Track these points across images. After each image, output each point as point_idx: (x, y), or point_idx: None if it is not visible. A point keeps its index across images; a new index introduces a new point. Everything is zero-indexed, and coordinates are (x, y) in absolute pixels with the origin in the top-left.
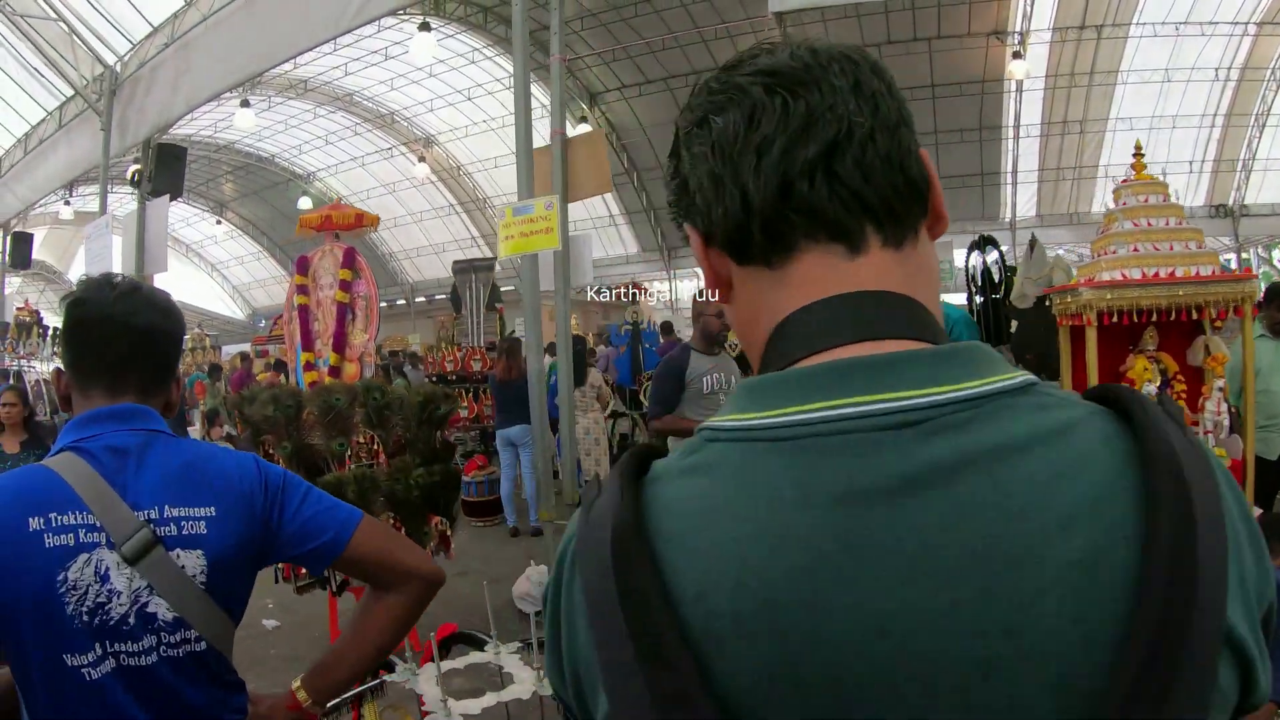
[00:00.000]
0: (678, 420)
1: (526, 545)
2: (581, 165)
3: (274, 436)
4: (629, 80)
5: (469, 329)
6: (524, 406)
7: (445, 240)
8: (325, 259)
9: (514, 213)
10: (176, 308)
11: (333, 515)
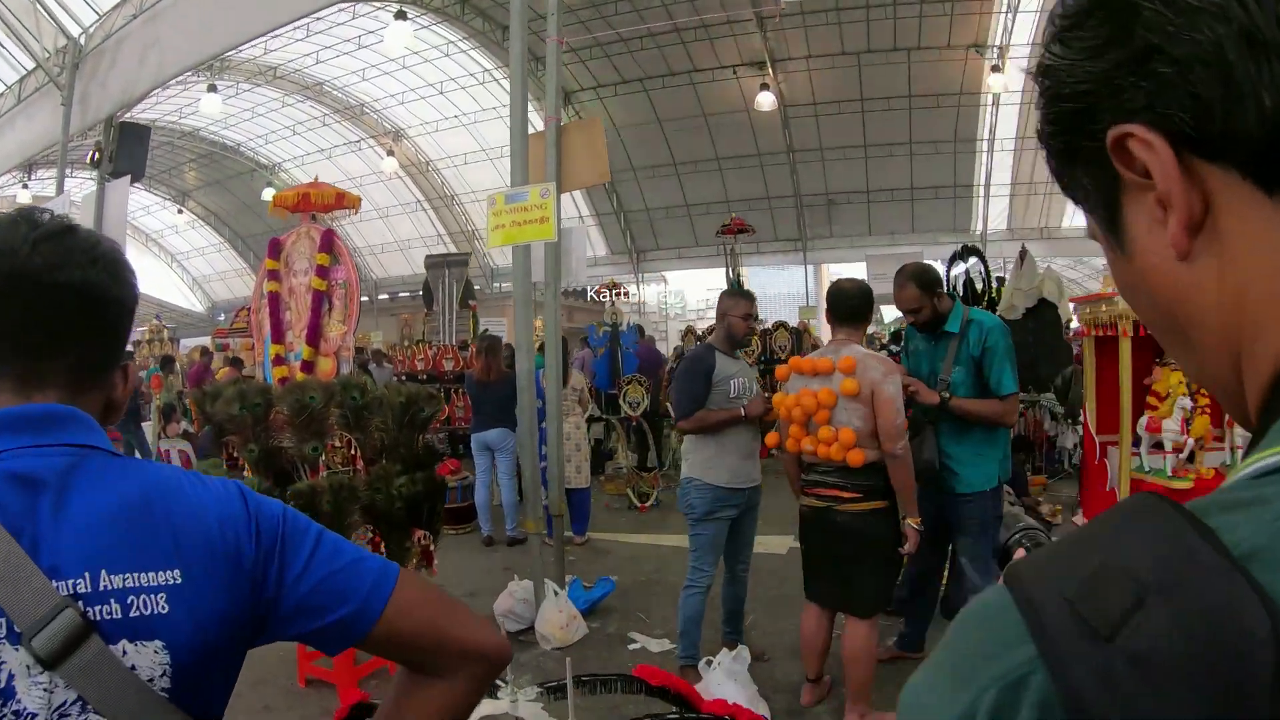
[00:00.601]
0: (713, 413)
1: (502, 555)
2: (578, 153)
3: (239, 437)
4: (605, 79)
5: (440, 326)
6: (502, 409)
7: (411, 237)
8: (300, 242)
9: (506, 200)
10: (127, 263)
11: (358, 574)
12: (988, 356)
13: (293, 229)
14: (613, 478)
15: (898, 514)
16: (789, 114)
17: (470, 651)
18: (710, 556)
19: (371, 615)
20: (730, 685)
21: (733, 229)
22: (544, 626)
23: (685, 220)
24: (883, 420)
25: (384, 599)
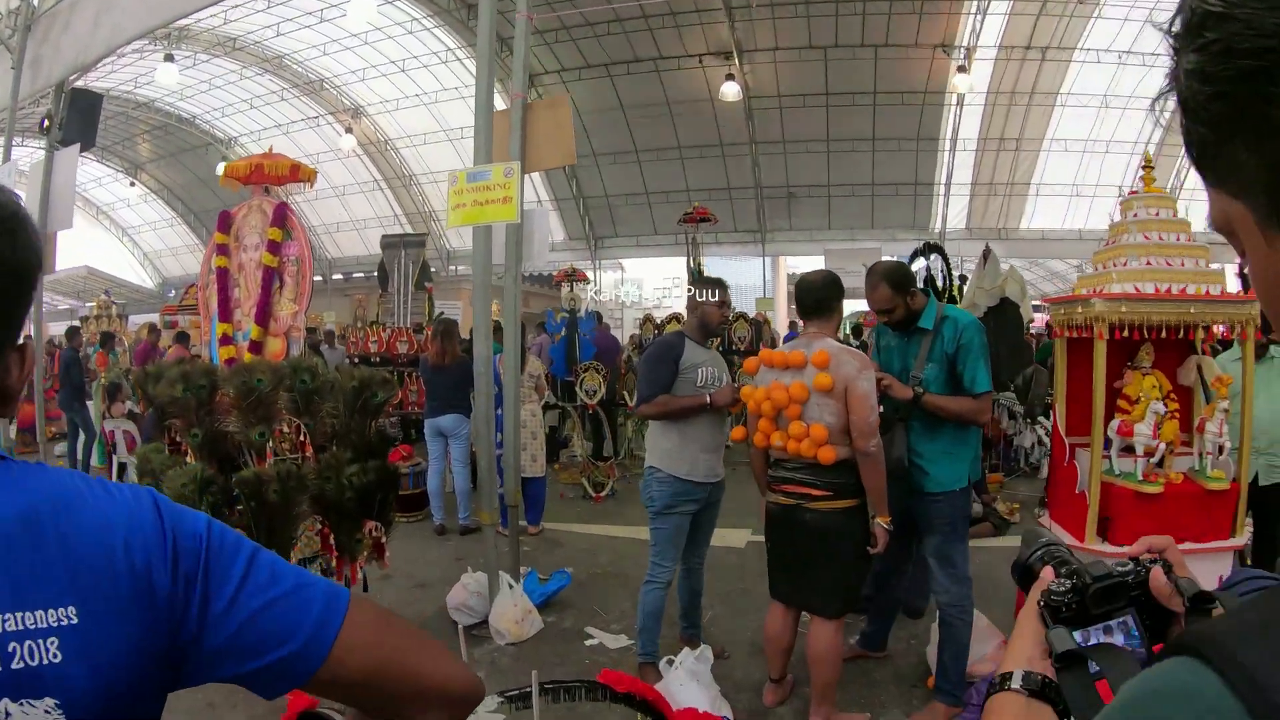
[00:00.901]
0: (676, 399)
1: (455, 545)
2: (543, 133)
3: (182, 421)
4: (570, 63)
5: (395, 308)
6: (457, 394)
7: (368, 217)
8: (252, 215)
9: (468, 178)
10: (28, 221)
11: (299, 604)
12: (962, 354)
13: (244, 202)
14: (567, 466)
15: (867, 513)
16: (753, 105)
17: (436, 695)
18: (671, 551)
19: (317, 654)
20: (692, 685)
21: (695, 217)
22: (498, 621)
23: (645, 208)
24: (856, 417)
25: (332, 634)
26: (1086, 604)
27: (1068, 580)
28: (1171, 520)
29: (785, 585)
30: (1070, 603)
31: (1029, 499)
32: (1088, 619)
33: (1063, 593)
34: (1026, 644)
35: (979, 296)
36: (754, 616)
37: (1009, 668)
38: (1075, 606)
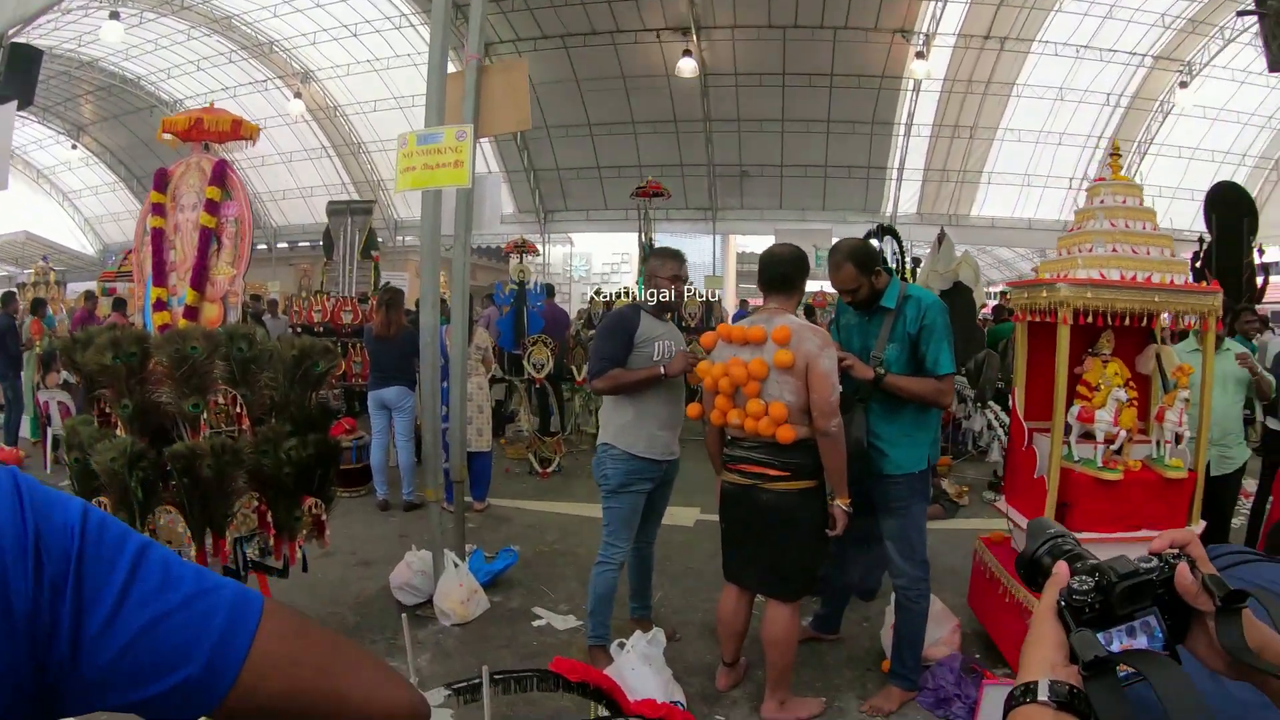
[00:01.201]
0: (628, 372)
1: (399, 521)
2: (498, 96)
3: (112, 391)
4: (525, 33)
5: (340, 277)
6: (402, 366)
7: (315, 184)
8: (190, 174)
9: (418, 141)
10: None
11: (199, 617)
12: (925, 334)
13: (183, 159)
14: (513, 441)
15: (826, 494)
16: (709, 82)
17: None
18: (625, 532)
19: (223, 678)
20: (645, 669)
21: (647, 191)
22: (443, 601)
23: (596, 182)
24: (817, 396)
25: (241, 653)
26: (1112, 604)
27: (1089, 578)
28: (1129, 507)
29: (740, 567)
30: (1094, 602)
31: (977, 481)
32: (1112, 619)
33: (1085, 591)
34: (1047, 649)
35: (932, 280)
36: (705, 596)
37: (1031, 676)
38: (1099, 607)
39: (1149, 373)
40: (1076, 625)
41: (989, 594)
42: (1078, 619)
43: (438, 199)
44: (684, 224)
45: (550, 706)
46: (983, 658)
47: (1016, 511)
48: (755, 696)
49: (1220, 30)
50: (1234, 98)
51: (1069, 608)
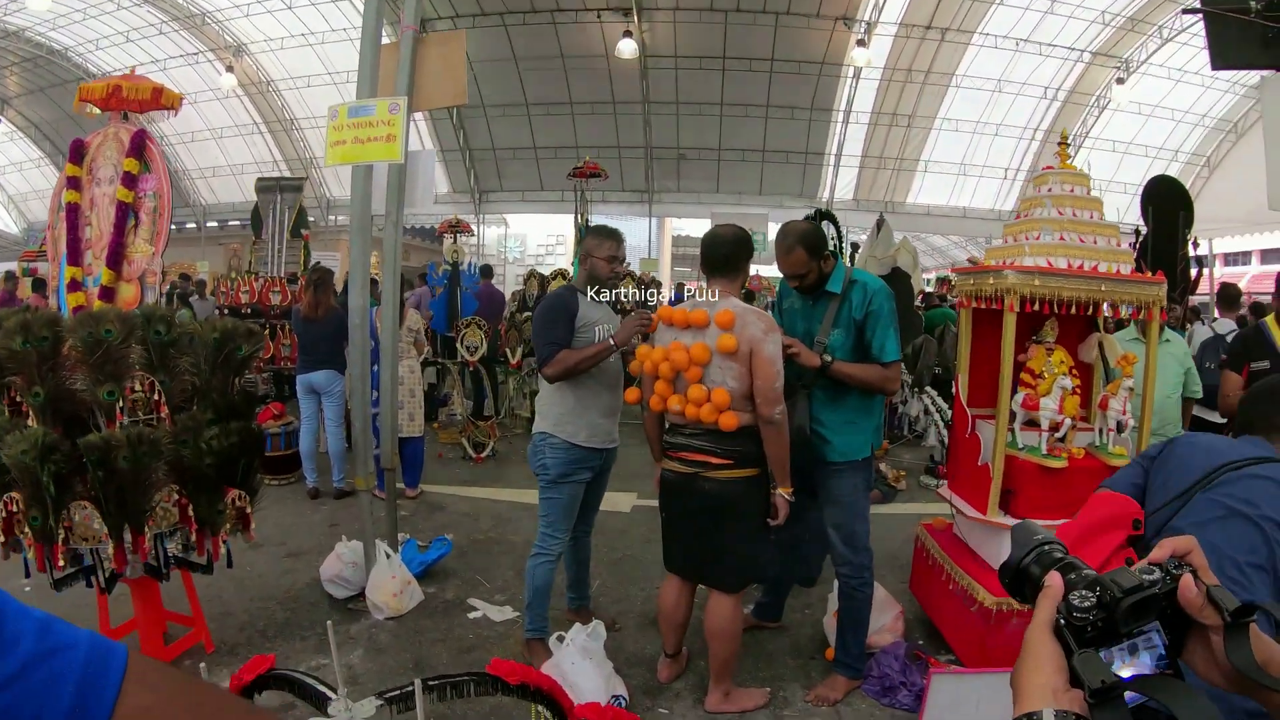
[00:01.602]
0: (576, 351)
1: (329, 510)
2: (434, 69)
3: (23, 379)
4: (464, 9)
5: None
6: (331, 348)
7: (245, 161)
8: (107, 145)
9: (349, 114)
10: None
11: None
12: (871, 320)
13: (100, 129)
14: (446, 426)
15: (768, 482)
16: (649, 64)
17: None
18: (564, 523)
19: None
20: (585, 664)
21: (585, 172)
22: (375, 594)
23: (532, 163)
24: (760, 382)
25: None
26: (1116, 621)
27: (1090, 593)
28: (1073, 495)
29: (681, 558)
30: (1096, 620)
31: (914, 466)
32: (1114, 637)
33: (1087, 609)
34: (1046, 673)
35: (870, 265)
36: (643, 585)
37: (1031, 706)
38: (1101, 624)
39: (1091, 361)
40: (1078, 645)
41: (931, 580)
42: (1079, 638)
43: (368, 174)
44: (620, 206)
45: (489, 703)
46: (926, 644)
47: (959, 498)
48: (698, 688)
49: (1159, 29)
50: (1169, 95)
51: (1069, 626)
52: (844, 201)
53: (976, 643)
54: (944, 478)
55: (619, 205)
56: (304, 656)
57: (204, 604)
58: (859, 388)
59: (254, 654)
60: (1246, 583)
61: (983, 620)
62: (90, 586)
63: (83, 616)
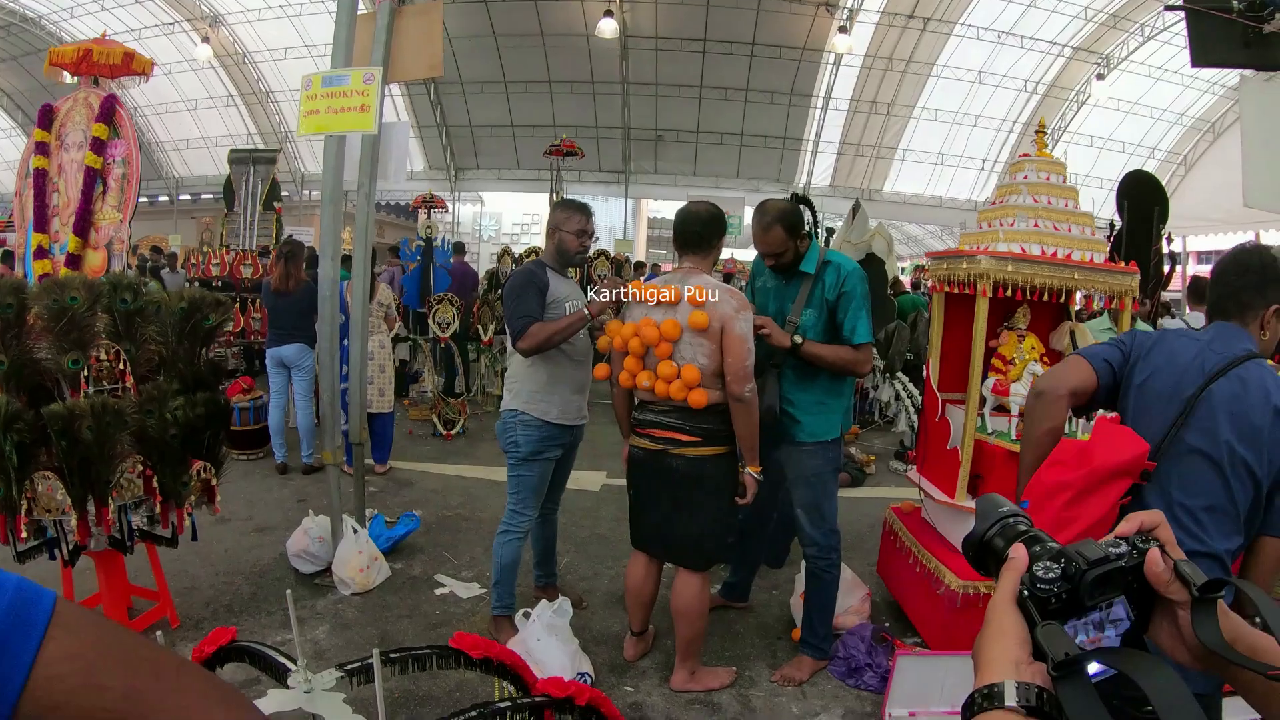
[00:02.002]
0: (550, 324)
1: (297, 485)
2: (411, 40)
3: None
4: None
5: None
6: (301, 322)
7: (220, 134)
8: (77, 110)
9: (323, 83)
10: None
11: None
12: (844, 301)
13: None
14: (417, 403)
15: (737, 461)
16: (629, 44)
17: None
18: (533, 500)
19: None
20: (551, 640)
21: (561, 150)
22: (342, 569)
23: (509, 141)
24: (731, 360)
25: (28, 656)
26: (1079, 593)
27: (1055, 565)
28: None
29: (648, 535)
30: (1060, 592)
31: (884, 450)
32: (1078, 610)
33: (1051, 580)
34: (1010, 644)
35: (845, 250)
36: (611, 564)
37: (993, 677)
38: (1065, 596)
39: (1063, 349)
40: (1042, 617)
41: (899, 563)
42: (1043, 610)
43: (341, 145)
44: (597, 186)
45: (453, 679)
46: (892, 627)
47: (928, 482)
48: (665, 666)
49: (1140, 27)
50: (1148, 93)
51: (1033, 598)
52: (821, 187)
53: (942, 625)
54: (913, 462)
55: (595, 185)
56: (269, 631)
57: (169, 579)
58: (829, 369)
59: None
60: (1199, 530)
61: (949, 603)
62: (54, 559)
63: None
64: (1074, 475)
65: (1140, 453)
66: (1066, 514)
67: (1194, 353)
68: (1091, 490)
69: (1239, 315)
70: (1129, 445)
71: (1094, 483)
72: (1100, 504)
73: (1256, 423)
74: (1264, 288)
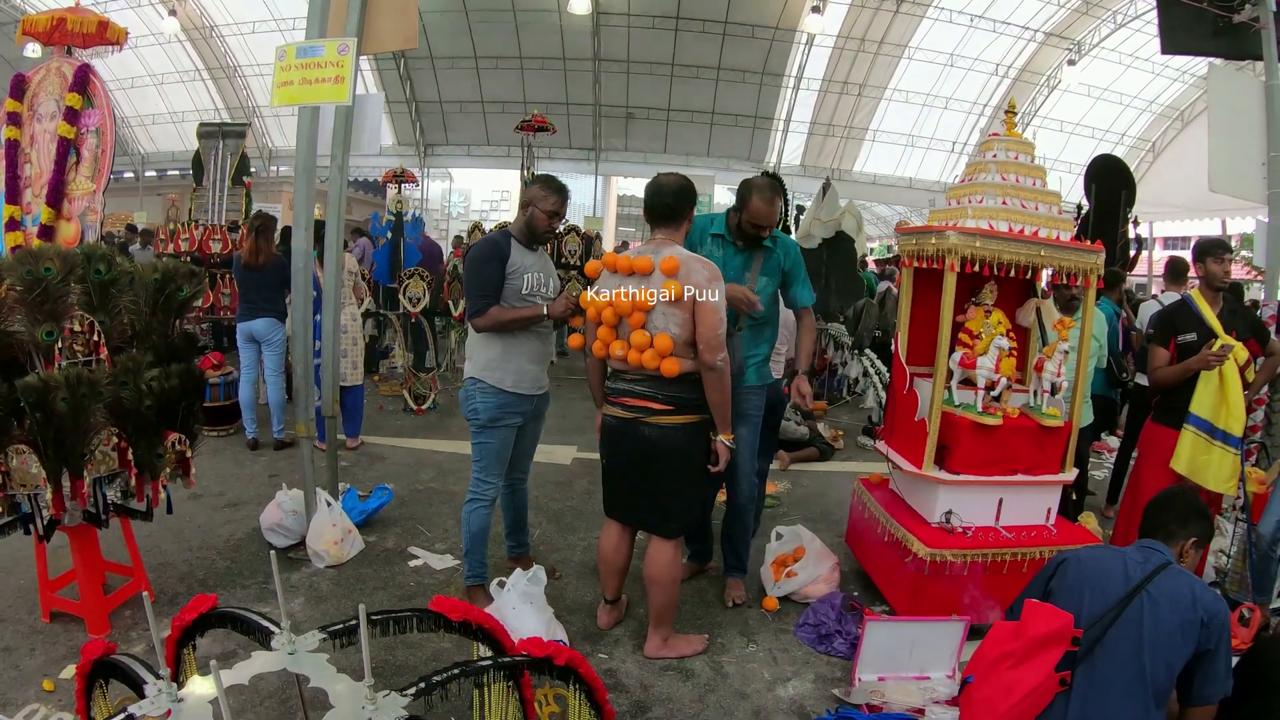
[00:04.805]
0: (510, 310)
1: (269, 461)
2: (385, 12)
3: None
4: None
5: (209, 204)
6: (272, 296)
7: (186, 109)
8: (50, 79)
9: (297, 54)
10: None
11: None
12: (796, 270)
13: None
14: (387, 378)
15: (709, 429)
16: (601, 21)
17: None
18: (496, 467)
19: None
20: (526, 608)
21: (532, 125)
22: (316, 542)
23: (479, 117)
24: (704, 329)
25: None
26: None
27: None
28: (1007, 452)
29: (621, 503)
30: None
31: (852, 426)
32: None
33: None
34: None
35: (815, 228)
36: (584, 534)
37: None
38: None
39: (1029, 325)
40: None
41: (867, 533)
42: None
43: (315, 116)
44: (567, 163)
45: (430, 649)
46: (861, 595)
47: (896, 453)
48: (637, 634)
49: (1113, 14)
50: (1119, 80)
51: None
52: (791, 167)
53: (909, 593)
54: (881, 438)
55: (566, 162)
56: (245, 604)
57: (143, 555)
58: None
59: None
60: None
61: (916, 571)
62: (28, 534)
63: (20, 566)
64: (1013, 645)
65: (1067, 624)
66: (1010, 678)
67: (1124, 563)
68: (1029, 655)
69: (1165, 538)
70: (1055, 617)
71: (1031, 648)
72: (1039, 669)
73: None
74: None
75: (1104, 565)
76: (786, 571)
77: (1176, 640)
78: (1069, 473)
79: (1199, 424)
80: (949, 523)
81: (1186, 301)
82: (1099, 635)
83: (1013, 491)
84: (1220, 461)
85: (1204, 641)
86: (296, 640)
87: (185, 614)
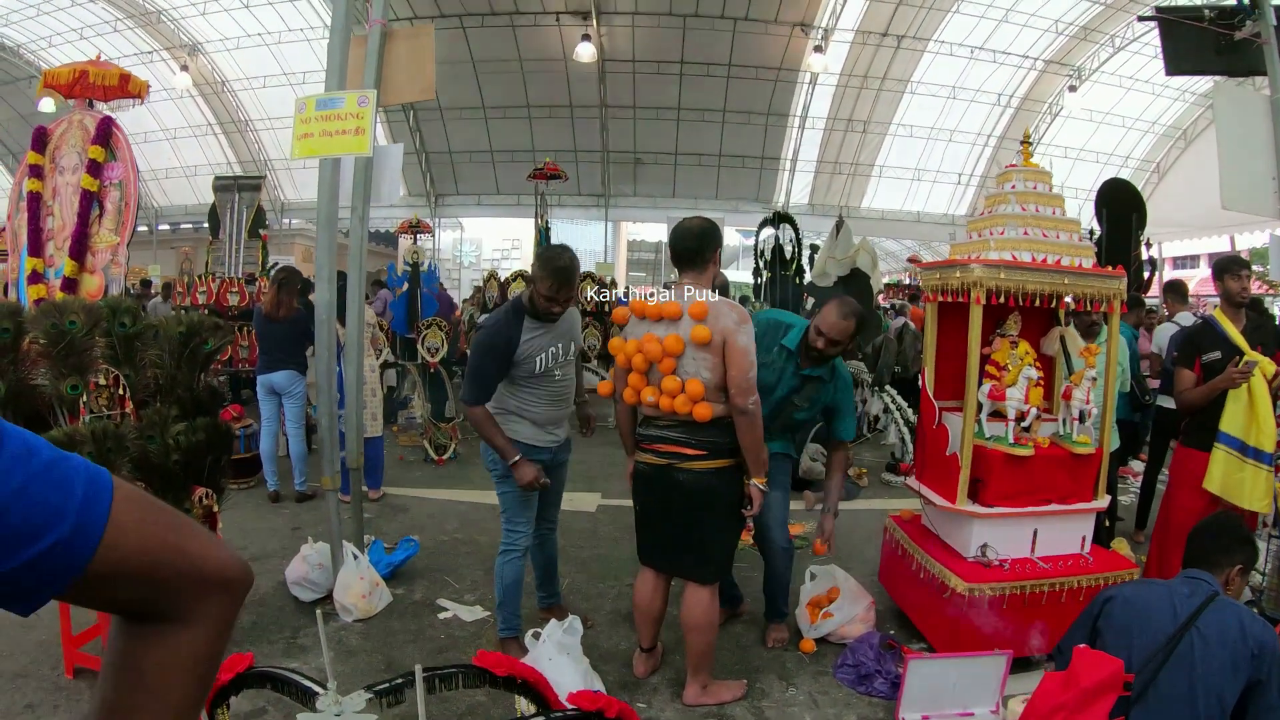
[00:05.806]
0: (491, 427)
1: (291, 513)
2: (403, 63)
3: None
4: (423, 11)
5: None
6: (293, 349)
7: (199, 163)
8: (72, 132)
9: (317, 106)
10: None
11: (63, 478)
12: (844, 403)
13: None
14: (406, 429)
15: (742, 473)
16: (607, 68)
17: (212, 578)
18: (524, 514)
19: (90, 538)
20: (563, 659)
21: (544, 173)
22: (344, 596)
23: (489, 166)
24: (735, 372)
25: (103, 513)
26: None
27: None
28: (1040, 482)
29: (655, 550)
30: None
31: (875, 464)
32: None
33: None
34: None
35: (830, 266)
36: (613, 582)
37: None
38: None
39: (1053, 354)
40: None
41: (902, 570)
42: None
43: (335, 167)
44: (577, 210)
45: (464, 703)
46: (898, 633)
47: (928, 489)
48: (675, 682)
49: (1111, 39)
50: (1120, 103)
51: None
52: (799, 206)
53: (949, 629)
54: (905, 474)
55: (575, 209)
56: (273, 660)
57: None
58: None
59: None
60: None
61: (955, 607)
62: None
63: (43, 621)
64: (1065, 697)
65: (1118, 671)
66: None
67: (1170, 597)
68: (1083, 706)
69: (1210, 567)
70: (1105, 664)
71: (1084, 699)
72: (1094, 719)
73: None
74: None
75: (1151, 603)
76: (823, 613)
77: (1228, 675)
78: (1102, 499)
79: (1230, 442)
80: (985, 556)
81: (1209, 321)
82: (1150, 678)
83: (1047, 522)
84: (1254, 480)
85: (1256, 672)
86: (343, 701)
87: (221, 673)
